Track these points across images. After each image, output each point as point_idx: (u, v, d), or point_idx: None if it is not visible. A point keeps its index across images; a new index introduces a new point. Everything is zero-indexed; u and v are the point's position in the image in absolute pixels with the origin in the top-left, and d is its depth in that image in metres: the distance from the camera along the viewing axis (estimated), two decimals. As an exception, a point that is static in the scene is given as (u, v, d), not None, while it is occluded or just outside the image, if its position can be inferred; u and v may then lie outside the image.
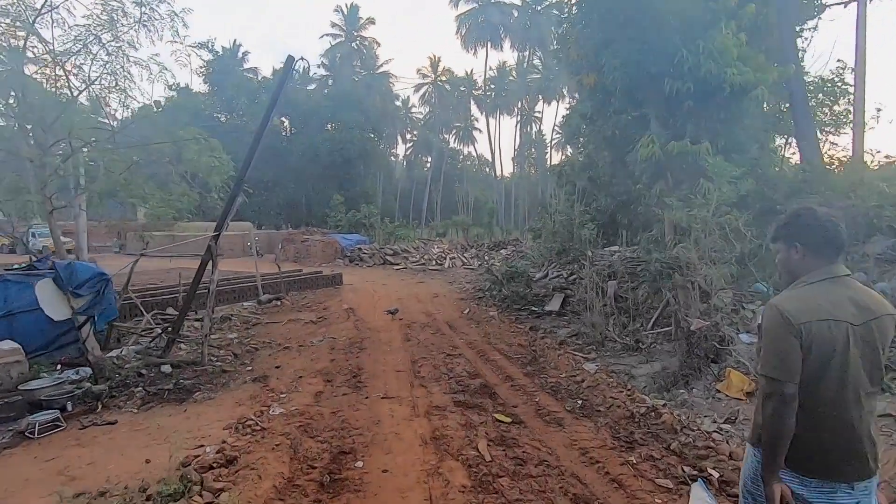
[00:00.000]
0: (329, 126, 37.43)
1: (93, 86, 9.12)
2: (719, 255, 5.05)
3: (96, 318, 6.34)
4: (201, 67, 41.05)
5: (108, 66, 9.17)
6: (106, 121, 9.91)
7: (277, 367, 6.76)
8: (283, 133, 40.66)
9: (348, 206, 33.86)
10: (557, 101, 52.34)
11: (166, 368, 6.65)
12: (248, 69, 44.04)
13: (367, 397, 5.30)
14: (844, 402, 1.64)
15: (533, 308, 11.28)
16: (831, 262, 1.72)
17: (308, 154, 35.86)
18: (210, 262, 7.02)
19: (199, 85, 42.68)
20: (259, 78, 42.94)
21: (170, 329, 7.09)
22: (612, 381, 5.32)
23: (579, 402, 4.75)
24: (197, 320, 10.06)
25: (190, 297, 6.99)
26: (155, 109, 45.62)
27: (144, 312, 8.09)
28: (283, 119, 42.22)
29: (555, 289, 13.68)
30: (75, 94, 8.96)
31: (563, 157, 35.65)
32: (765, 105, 6.70)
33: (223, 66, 40.71)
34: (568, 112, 32.05)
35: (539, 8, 43.15)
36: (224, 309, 12.68)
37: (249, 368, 6.73)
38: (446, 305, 12.48)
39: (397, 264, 22.73)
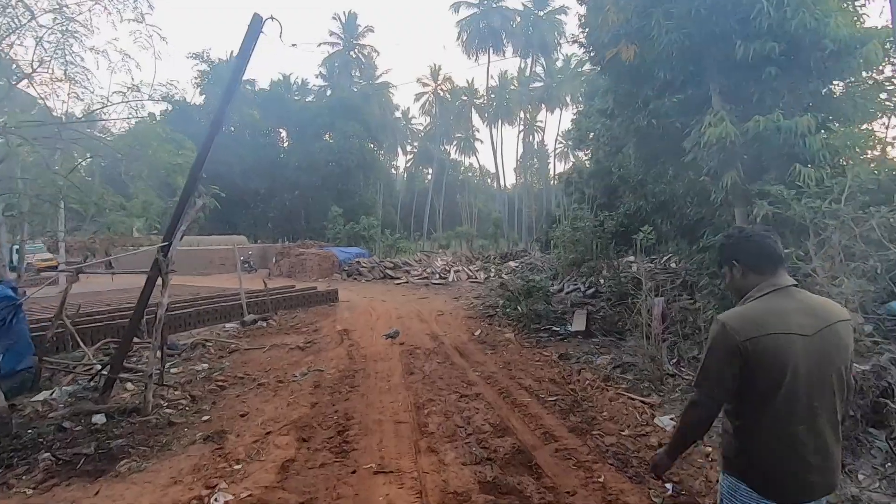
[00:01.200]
0: (327, 136, 36.17)
1: (36, 73, 7.72)
2: (858, 263, 3.57)
3: (1, 356, 4.83)
4: (196, 78, 40.07)
5: (56, 50, 7.80)
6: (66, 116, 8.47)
7: (243, 416, 5.22)
8: (280, 144, 39.44)
9: (347, 218, 32.48)
10: (561, 110, 51.33)
11: (99, 419, 5.12)
12: (245, 81, 43.12)
13: (354, 472, 3.75)
14: (794, 416, 1.60)
15: (554, 328, 9.75)
16: (773, 275, 1.72)
17: (305, 165, 34.57)
18: (159, 280, 5.51)
19: (194, 97, 41.60)
20: (256, 89, 41.85)
21: (108, 365, 5.57)
22: (709, 449, 3.68)
23: (668, 486, 3.18)
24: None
25: (134, 324, 5.48)
26: (150, 122, 44.82)
27: (81, 344, 6.56)
28: (280, 130, 41.09)
29: (573, 304, 12.15)
30: (13, 81, 7.53)
31: (570, 165, 34.31)
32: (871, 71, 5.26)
33: (218, 79, 39.67)
34: (575, 116, 30.80)
35: (542, 13, 42.22)
36: (203, 332, 11.19)
37: (206, 418, 5.19)
38: (453, 325, 10.94)
39: (398, 278, 21.23)
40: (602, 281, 14.92)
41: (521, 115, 60.77)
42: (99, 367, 5.82)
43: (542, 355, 7.61)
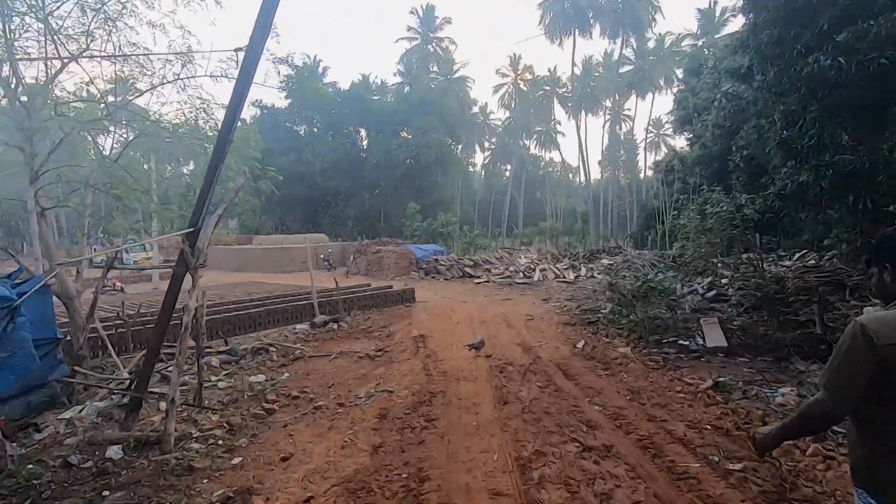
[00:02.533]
0: (404, 132, 35.53)
1: (88, 53, 7.05)
2: None
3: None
4: (281, 82, 41.30)
5: (107, 25, 7.09)
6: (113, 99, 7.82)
7: (284, 460, 3.88)
8: (360, 142, 39.50)
9: (424, 215, 31.55)
10: (653, 94, 46.94)
11: (114, 452, 4.04)
12: (327, 83, 43.81)
13: None
14: None
15: (681, 342, 7.62)
16: None
17: (383, 162, 34.15)
18: (188, 277, 4.34)
19: (279, 100, 43.01)
20: (337, 89, 42.32)
21: (134, 383, 4.50)
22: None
23: None
24: (222, 352, 7.64)
25: (160, 333, 4.36)
26: (243, 126, 47.19)
27: (112, 352, 5.64)
28: (360, 129, 41.26)
29: (694, 310, 9.83)
30: (65, 61, 6.90)
31: (663, 155, 30.70)
32: None
33: (302, 81, 40.64)
34: (678, 94, 27.29)
35: (632, -12, 38.60)
36: (272, 333, 10.36)
37: (238, 460, 3.91)
38: (548, 333, 9.13)
39: (478, 277, 19.65)
40: (725, 281, 12.30)
41: (607, 103, 56.81)
42: (128, 382, 4.79)
43: (682, 382, 5.60)
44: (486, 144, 65.57)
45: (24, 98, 6.63)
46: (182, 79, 7.44)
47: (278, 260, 27.12)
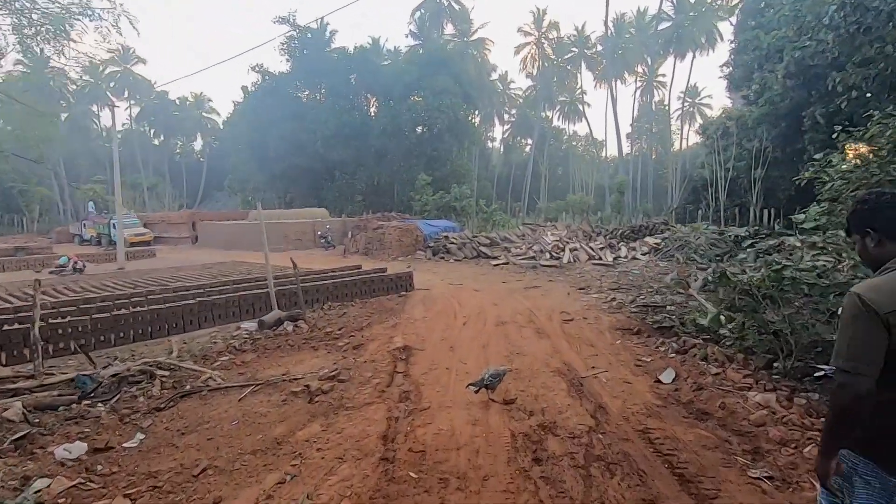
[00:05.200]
0: (414, 97, 31.80)
1: None
2: None
3: None
4: (283, 44, 37.83)
5: None
6: None
7: None
8: (367, 110, 35.95)
9: (436, 188, 28.15)
10: (693, 54, 41.91)
11: None
12: (334, 49, 40.08)
13: None
14: None
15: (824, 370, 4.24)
16: None
17: (391, 129, 30.64)
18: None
19: (281, 63, 39.64)
20: (343, 54, 38.52)
21: None
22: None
23: None
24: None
25: None
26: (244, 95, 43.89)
27: None
28: (367, 96, 37.72)
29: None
30: None
31: (721, 114, 26.41)
32: None
33: (307, 45, 37.07)
34: (739, 39, 22.85)
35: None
36: (200, 336, 7.38)
37: None
38: (602, 348, 5.86)
39: (495, 258, 16.37)
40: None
41: (639, 69, 51.83)
42: None
43: None
44: (506, 117, 61.23)
45: None
46: None
47: (271, 237, 24.14)
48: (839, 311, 1.76)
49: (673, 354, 5.38)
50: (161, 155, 61.37)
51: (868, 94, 10.68)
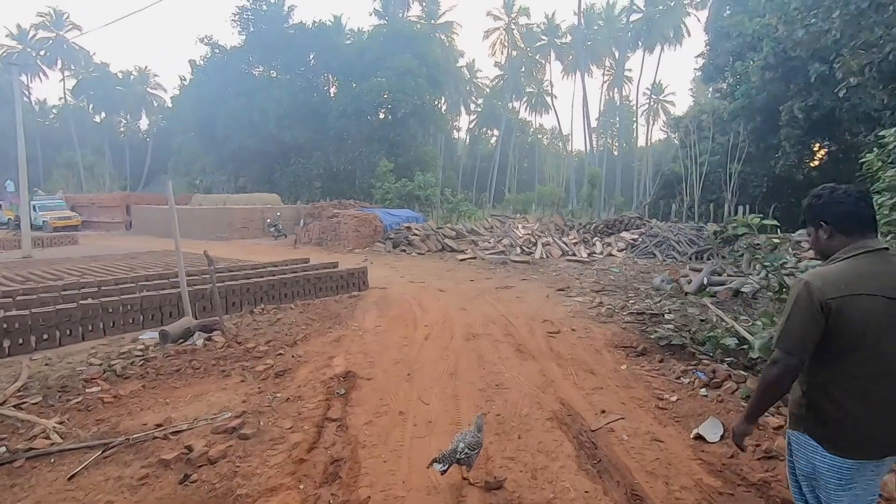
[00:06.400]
0: (377, 77, 29.72)
1: None
2: None
3: None
4: (234, 15, 34.80)
5: None
6: None
7: None
8: (324, 88, 33.58)
9: (399, 175, 26.39)
10: (661, 48, 41.67)
11: None
12: (292, 26, 37.21)
13: None
14: (872, 376, 1.59)
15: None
16: (863, 237, 1.67)
17: (351, 111, 28.51)
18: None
19: (232, 37, 36.66)
20: (300, 28, 35.79)
21: None
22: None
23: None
24: None
25: None
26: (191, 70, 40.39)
27: None
28: (326, 75, 35.31)
29: None
30: None
31: (692, 109, 25.84)
32: None
33: (263, 19, 34.17)
34: (717, 26, 22.03)
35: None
36: (79, 351, 5.62)
37: None
38: (604, 374, 4.53)
39: (462, 251, 14.96)
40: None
41: (606, 62, 51.44)
42: None
43: None
44: (472, 107, 59.74)
45: None
46: None
47: (213, 224, 21.89)
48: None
49: (703, 389, 4.07)
50: (101, 133, 56.51)
51: (870, 81, 9.81)
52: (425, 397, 4.03)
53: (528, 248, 14.89)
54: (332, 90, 34.88)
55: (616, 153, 54.41)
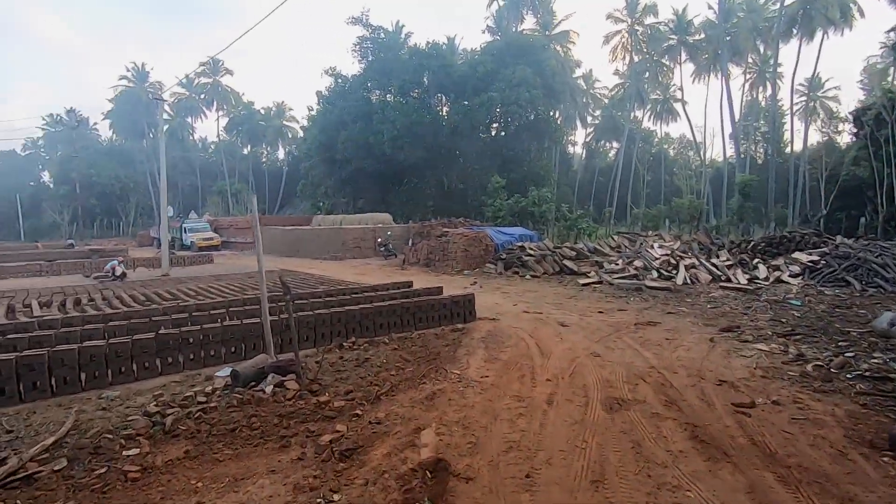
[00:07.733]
0: (489, 91, 28.78)
1: None
2: None
3: None
4: (355, 45, 36.66)
5: None
6: None
7: None
8: (436, 107, 33.54)
9: (511, 191, 24.92)
10: (824, 34, 35.04)
11: None
12: (406, 50, 38.31)
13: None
14: None
15: None
16: None
17: (463, 128, 27.89)
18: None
19: (352, 65, 38.52)
20: (415, 50, 36.58)
21: None
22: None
23: None
24: None
25: None
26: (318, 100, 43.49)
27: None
28: (439, 95, 35.41)
29: None
30: None
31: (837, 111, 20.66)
32: None
33: (379, 47, 35.60)
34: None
35: None
36: (151, 388, 4.97)
37: None
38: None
39: (584, 274, 12.93)
40: None
41: (750, 59, 45.08)
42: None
43: None
44: (589, 119, 56.38)
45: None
46: None
47: (329, 244, 22.34)
48: None
49: None
50: (247, 163, 63.79)
51: None
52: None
53: (667, 270, 12.36)
54: (445, 109, 34.84)
55: (760, 161, 47.10)
